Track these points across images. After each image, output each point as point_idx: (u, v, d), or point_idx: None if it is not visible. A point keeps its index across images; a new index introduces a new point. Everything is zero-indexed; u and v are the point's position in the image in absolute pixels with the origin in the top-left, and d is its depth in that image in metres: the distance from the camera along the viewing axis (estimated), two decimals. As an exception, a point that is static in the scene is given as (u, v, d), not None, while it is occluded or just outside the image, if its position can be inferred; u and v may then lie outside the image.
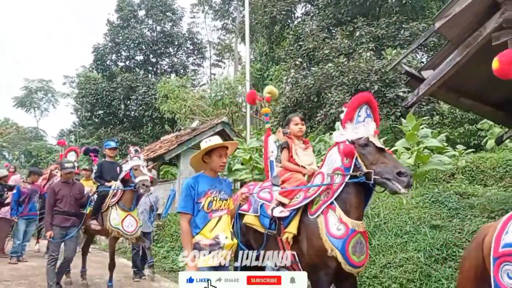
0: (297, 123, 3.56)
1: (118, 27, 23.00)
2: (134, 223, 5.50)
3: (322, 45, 12.22)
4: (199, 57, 25.70)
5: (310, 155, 3.58)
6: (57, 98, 39.63)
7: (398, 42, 11.67)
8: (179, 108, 14.15)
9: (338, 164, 2.91)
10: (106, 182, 5.72)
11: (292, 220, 3.02)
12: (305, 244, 2.92)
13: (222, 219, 2.77)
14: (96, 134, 22.61)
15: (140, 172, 5.31)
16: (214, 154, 2.84)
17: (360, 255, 2.77)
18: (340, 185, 2.83)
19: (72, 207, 5.26)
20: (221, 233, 2.70)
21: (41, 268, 7.20)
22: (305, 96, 10.85)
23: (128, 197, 5.50)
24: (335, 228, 2.78)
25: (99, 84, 21.21)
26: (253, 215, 3.34)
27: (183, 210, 2.75)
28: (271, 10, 15.51)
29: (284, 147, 3.48)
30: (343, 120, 2.94)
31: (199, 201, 2.74)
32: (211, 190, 2.79)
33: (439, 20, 3.91)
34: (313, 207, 2.96)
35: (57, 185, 5.38)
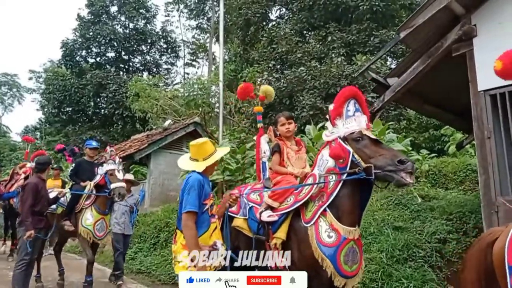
0: (283, 123, 3.33)
1: (89, 23, 22.38)
2: (104, 227, 5.40)
3: (295, 49, 12.39)
4: (172, 56, 25.39)
5: (303, 158, 3.38)
6: (22, 93, 38.08)
7: (368, 48, 12.00)
8: (150, 107, 13.91)
9: (331, 164, 2.71)
10: (81, 182, 5.55)
11: (281, 225, 2.84)
12: (296, 252, 2.72)
13: (217, 226, 2.72)
14: (64, 132, 21.88)
15: (115, 178, 5.17)
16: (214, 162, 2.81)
17: (352, 264, 2.58)
18: (335, 186, 2.62)
19: (45, 207, 5.07)
20: (218, 240, 2.62)
21: (0, 270, 6.93)
22: (277, 98, 10.96)
23: (103, 201, 5.38)
24: (326, 235, 2.58)
25: (68, 80, 20.55)
26: (242, 218, 3.16)
27: (195, 208, 2.52)
28: (246, 12, 15.57)
29: (276, 151, 3.28)
30: (331, 117, 2.75)
31: (205, 202, 2.59)
32: (212, 194, 2.70)
33: (404, 30, 4.08)
34: (308, 214, 2.74)
35: (39, 183, 5.02)
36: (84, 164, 5.82)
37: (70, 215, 5.42)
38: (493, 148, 3.64)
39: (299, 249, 2.71)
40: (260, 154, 3.59)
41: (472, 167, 6.85)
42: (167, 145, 11.44)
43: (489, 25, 3.80)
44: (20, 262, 4.79)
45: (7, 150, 23.27)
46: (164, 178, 11.30)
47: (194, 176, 2.64)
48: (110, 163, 5.29)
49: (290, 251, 2.74)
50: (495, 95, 3.70)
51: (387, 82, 4.66)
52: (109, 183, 5.17)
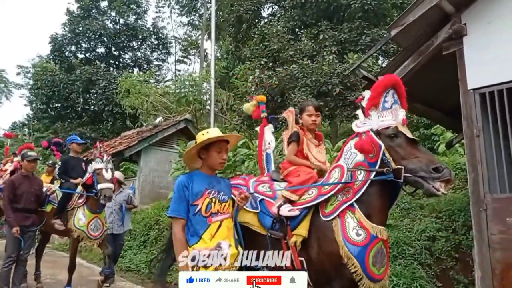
0: (311, 113, 2.99)
1: (78, 17, 22.11)
2: (100, 226, 5.21)
3: (287, 47, 12.35)
4: (163, 53, 25.22)
5: (323, 152, 3.08)
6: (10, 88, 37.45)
7: (359, 47, 12.03)
8: (141, 103, 13.82)
9: (360, 158, 2.47)
10: (72, 179, 5.35)
11: (302, 220, 2.55)
12: (315, 249, 2.50)
13: (223, 224, 2.40)
14: (52, 128, 21.59)
15: (103, 178, 4.93)
16: (213, 148, 2.43)
17: (380, 267, 2.36)
18: (363, 183, 2.41)
19: (31, 204, 4.94)
20: (224, 241, 2.34)
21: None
22: (269, 96, 10.92)
23: (93, 201, 5.17)
24: (354, 233, 2.36)
25: (56, 75, 20.28)
26: (251, 211, 2.77)
27: (174, 214, 2.35)
28: (237, 9, 15.49)
29: (293, 140, 2.94)
30: (366, 106, 2.49)
31: (194, 203, 2.35)
32: (209, 190, 2.40)
33: (395, 29, 4.09)
34: (328, 208, 2.52)
35: (17, 179, 4.99)
36: (71, 161, 5.63)
37: (61, 213, 5.24)
38: (482, 146, 3.66)
39: (320, 246, 2.48)
40: (263, 145, 3.36)
41: (462, 166, 6.91)
42: (157, 142, 11.37)
43: (478, 24, 3.82)
44: (7, 260, 4.74)
45: (-6, 147, 22.89)
46: (154, 176, 11.22)
47: (178, 179, 2.48)
48: (98, 162, 5.04)
49: (308, 248, 2.53)
50: (485, 94, 3.73)
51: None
52: (96, 183, 4.96)
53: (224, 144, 2.48)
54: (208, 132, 2.46)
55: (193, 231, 2.34)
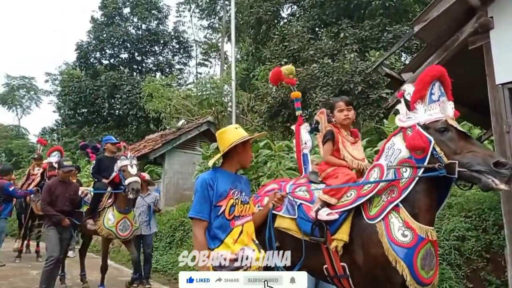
0: (342, 109, 2.90)
1: (102, 25, 22.71)
2: (129, 226, 5.29)
3: (307, 46, 12.30)
4: (185, 56, 25.58)
5: (360, 149, 2.97)
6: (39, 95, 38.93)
7: (381, 44, 11.83)
8: (164, 107, 14.04)
9: (405, 155, 2.33)
10: (103, 179, 5.50)
11: (342, 224, 2.45)
12: (361, 254, 2.37)
13: (244, 229, 2.28)
14: (80, 133, 22.28)
15: (128, 173, 5.05)
16: (248, 145, 2.36)
17: (429, 269, 2.23)
18: (410, 181, 2.27)
19: (66, 207, 5.09)
20: (247, 247, 2.25)
21: (21, 269, 7.11)
22: (290, 96, 10.92)
23: (122, 200, 5.27)
24: (400, 234, 2.24)
25: (83, 82, 20.90)
26: (288, 217, 2.68)
27: (197, 215, 2.21)
28: (257, 11, 15.54)
29: (328, 139, 2.85)
30: (411, 99, 2.37)
31: (218, 204, 2.21)
32: (233, 190, 2.27)
33: (418, 24, 4.01)
34: (373, 210, 2.39)
35: (53, 184, 5.18)
36: (105, 161, 5.76)
37: (94, 214, 5.40)
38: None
39: (365, 250, 2.36)
40: (300, 145, 3.25)
41: (491, 163, 6.72)
42: (181, 144, 11.53)
43: (506, 17, 3.70)
44: (49, 260, 4.87)
45: (25, 152, 23.83)
46: (178, 178, 11.39)
47: (200, 175, 2.34)
48: (122, 159, 5.20)
49: (352, 253, 2.41)
50: (514, 89, 3.61)
51: (402, 77, 4.59)
52: (123, 180, 5.08)
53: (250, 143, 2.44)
54: (239, 128, 2.41)
55: (214, 234, 2.21)
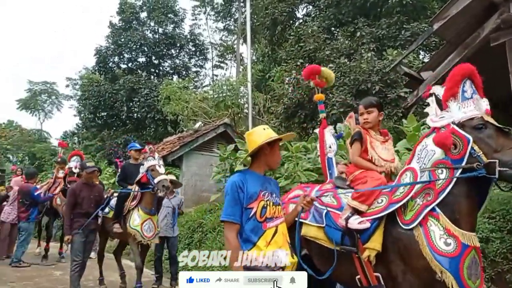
0: (362, 112, 2.86)
1: (120, 29, 23.08)
2: (152, 228, 5.31)
3: (323, 46, 12.24)
4: (201, 59, 25.74)
5: (390, 149, 2.86)
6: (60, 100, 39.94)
7: (399, 42, 11.66)
8: (181, 109, 14.20)
9: (440, 156, 2.23)
10: (129, 186, 5.58)
11: (374, 232, 2.34)
12: (398, 264, 2.23)
13: (278, 230, 2.22)
14: (99, 136, 22.70)
15: (157, 173, 5.13)
16: (276, 146, 2.31)
17: (476, 278, 2.10)
18: (447, 183, 2.15)
19: (92, 209, 5.15)
20: (281, 249, 2.18)
21: (46, 270, 7.30)
22: (306, 97, 10.86)
23: (148, 200, 5.31)
24: (442, 242, 2.09)
25: (102, 86, 21.28)
26: (315, 225, 2.59)
27: (229, 218, 2.18)
28: (272, 12, 15.54)
29: (356, 139, 2.78)
30: (443, 98, 2.29)
31: (249, 206, 2.18)
32: (264, 192, 2.23)
33: (437, 22, 3.95)
34: (408, 215, 2.25)
35: (77, 187, 5.27)
36: (130, 167, 5.83)
37: (119, 217, 5.44)
38: (538, 141, 3.44)
39: (403, 260, 2.20)
40: (324, 148, 3.16)
41: (515, 162, 6.54)
42: (198, 146, 11.62)
43: (530, 12, 3.61)
44: (73, 264, 4.95)
45: (47, 155, 24.43)
46: (196, 179, 11.48)
47: (230, 178, 2.32)
48: (150, 160, 5.26)
49: (387, 263, 2.28)
50: (539, 86, 3.51)
51: (421, 76, 4.53)
52: (151, 179, 5.12)
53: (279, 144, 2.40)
54: (267, 129, 2.35)
55: (246, 237, 2.17)
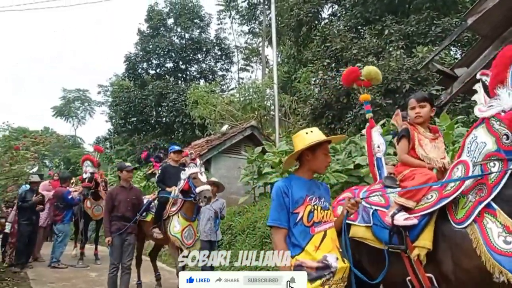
0: (413, 106, 2.75)
1: (148, 36, 23.65)
2: (192, 235, 5.24)
3: (350, 45, 12.07)
4: (227, 62, 26.00)
5: (440, 147, 2.74)
6: (93, 107, 41.40)
7: (429, 39, 11.34)
8: (209, 113, 14.37)
9: (491, 148, 2.11)
10: (167, 188, 5.52)
11: (423, 229, 2.24)
12: (449, 263, 2.11)
13: (327, 234, 2.17)
14: (130, 141, 23.31)
15: (199, 181, 5.01)
16: (320, 150, 2.23)
17: None
18: (501, 176, 2.02)
19: (129, 212, 5.15)
20: (330, 254, 2.12)
21: (82, 271, 7.55)
22: (334, 97, 10.74)
23: (189, 207, 5.24)
24: (501, 240, 1.94)
25: (132, 92, 21.87)
26: (363, 225, 2.53)
27: (276, 223, 2.17)
28: (297, 13, 15.49)
29: (403, 136, 2.70)
30: (489, 85, 2.18)
31: (295, 211, 2.16)
32: (310, 197, 2.21)
33: (471, 17, 3.80)
34: (460, 213, 2.13)
35: (114, 190, 5.32)
36: (170, 169, 5.78)
37: (159, 222, 5.37)
38: None
39: (455, 260, 2.08)
40: (372, 148, 3.07)
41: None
42: (226, 149, 11.71)
43: None
44: (111, 267, 5.01)
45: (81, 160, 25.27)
46: (224, 182, 11.46)
47: (275, 184, 2.30)
48: (191, 167, 5.17)
49: (439, 262, 2.16)
50: None
51: (455, 73, 4.37)
52: (193, 187, 5.02)
53: (328, 146, 2.32)
54: (312, 132, 2.26)
55: (294, 242, 2.14)
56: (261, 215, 7.30)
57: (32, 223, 7.45)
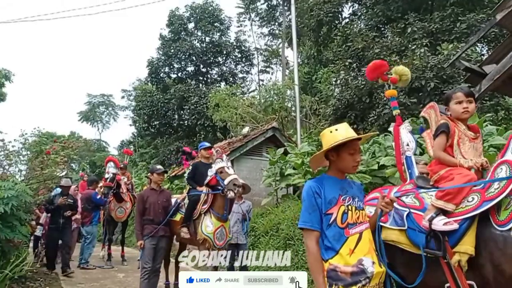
0: (461, 100, 2.52)
1: (170, 41, 24.02)
2: (224, 236, 5.07)
3: (372, 45, 11.92)
4: (247, 65, 26.09)
5: (479, 148, 2.55)
6: (117, 111, 42.41)
7: (454, 35, 11.06)
8: (230, 116, 14.46)
9: None
10: (198, 187, 5.42)
11: (464, 234, 2.09)
12: (492, 270, 1.97)
13: (363, 237, 2.03)
14: (153, 144, 23.74)
15: (227, 174, 4.90)
16: (344, 150, 2.08)
17: None
18: None
19: (160, 215, 5.12)
20: (366, 258, 1.98)
21: (110, 272, 7.73)
22: (356, 97, 10.63)
23: (220, 203, 5.08)
24: None
25: (154, 96, 22.26)
26: (396, 228, 2.38)
27: (307, 225, 2.04)
28: (317, 13, 15.41)
29: (442, 131, 2.49)
30: None
31: (328, 212, 2.03)
32: (343, 196, 2.08)
33: (500, 12, 3.69)
34: (503, 214, 1.99)
35: (145, 193, 5.31)
36: (201, 167, 5.66)
37: (189, 222, 5.26)
38: None
39: (497, 266, 1.94)
40: (401, 147, 2.89)
41: None
42: (247, 151, 11.74)
43: None
44: (142, 271, 4.94)
45: (107, 163, 25.88)
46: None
47: (306, 183, 2.18)
48: (218, 162, 5.07)
49: (481, 269, 2.03)
50: None
51: (483, 70, 4.25)
52: (221, 181, 4.93)
53: (357, 143, 2.12)
54: (337, 130, 2.10)
55: (327, 244, 2.00)
56: (284, 217, 7.30)
57: (58, 228, 7.16)
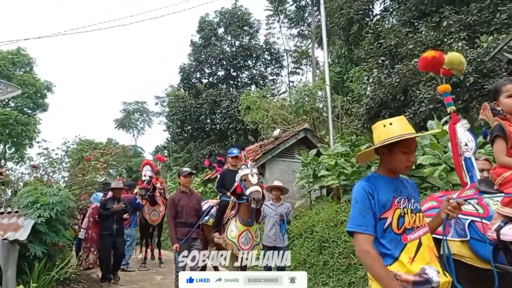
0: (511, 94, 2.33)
1: (201, 47, 24.44)
2: (250, 240, 5.02)
3: (405, 41, 11.57)
4: (277, 67, 26.08)
5: None
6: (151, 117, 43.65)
7: (494, 27, 10.51)
8: (261, 118, 14.50)
9: None
10: (227, 192, 5.48)
11: None
12: None
13: (423, 242, 1.81)
14: (186, 148, 24.21)
15: (250, 183, 4.83)
16: (398, 148, 1.86)
17: None
18: None
19: (192, 218, 5.20)
20: (429, 266, 1.76)
21: (148, 274, 7.94)
22: (390, 95, 10.36)
23: (245, 210, 5.07)
24: None
25: (187, 101, 22.72)
26: (458, 240, 2.18)
27: (361, 229, 1.81)
28: (347, 11, 15.17)
29: (497, 135, 2.31)
30: None
31: (383, 216, 1.81)
32: (398, 198, 1.85)
33: (546, -1, 3.46)
34: None
35: (176, 196, 5.40)
36: (228, 174, 5.76)
37: (219, 226, 5.34)
38: None
39: None
40: (459, 147, 2.66)
41: None
42: (279, 153, 11.71)
43: None
44: (176, 275, 4.91)
45: (143, 168, 26.64)
46: (279, 186, 11.55)
47: (357, 183, 1.94)
48: (243, 168, 5.05)
49: None
50: None
51: (528, 62, 4.00)
52: (244, 189, 4.91)
53: (413, 141, 1.88)
54: (392, 124, 1.87)
55: (383, 250, 1.80)
56: (319, 219, 7.21)
57: (112, 234, 6.86)
